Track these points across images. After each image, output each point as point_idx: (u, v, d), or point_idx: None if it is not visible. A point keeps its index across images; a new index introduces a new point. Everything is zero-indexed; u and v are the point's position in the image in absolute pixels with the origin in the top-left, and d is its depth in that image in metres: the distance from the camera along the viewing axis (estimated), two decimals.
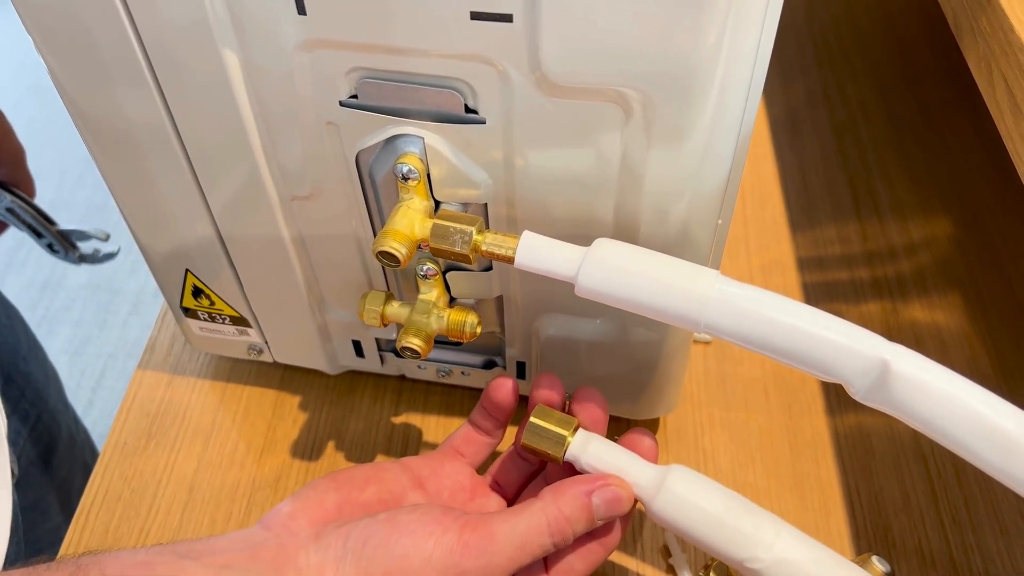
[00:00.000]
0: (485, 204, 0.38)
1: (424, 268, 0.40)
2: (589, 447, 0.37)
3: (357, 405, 0.53)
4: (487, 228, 0.36)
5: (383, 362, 0.51)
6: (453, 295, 0.42)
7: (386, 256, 0.35)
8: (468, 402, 0.53)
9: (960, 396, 0.30)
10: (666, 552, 0.46)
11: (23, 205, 0.61)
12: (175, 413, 0.52)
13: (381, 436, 0.51)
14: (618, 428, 0.51)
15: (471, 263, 0.36)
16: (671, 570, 0.45)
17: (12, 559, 0.51)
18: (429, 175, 0.36)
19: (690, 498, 0.35)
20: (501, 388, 0.41)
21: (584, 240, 0.34)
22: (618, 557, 0.46)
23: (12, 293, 0.75)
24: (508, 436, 0.45)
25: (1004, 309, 0.57)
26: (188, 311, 0.49)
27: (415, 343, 0.39)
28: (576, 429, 0.38)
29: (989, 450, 0.29)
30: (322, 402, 0.52)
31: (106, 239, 0.65)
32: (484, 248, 0.35)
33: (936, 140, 0.68)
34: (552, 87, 0.32)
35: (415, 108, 0.35)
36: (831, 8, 0.81)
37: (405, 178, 0.36)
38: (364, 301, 0.41)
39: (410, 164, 0.36)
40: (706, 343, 0.55)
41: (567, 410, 0.40)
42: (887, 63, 0.76)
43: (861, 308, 0.58)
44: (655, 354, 0.44)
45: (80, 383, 1.46)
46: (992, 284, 0.59)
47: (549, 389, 0.40)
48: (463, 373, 0.50)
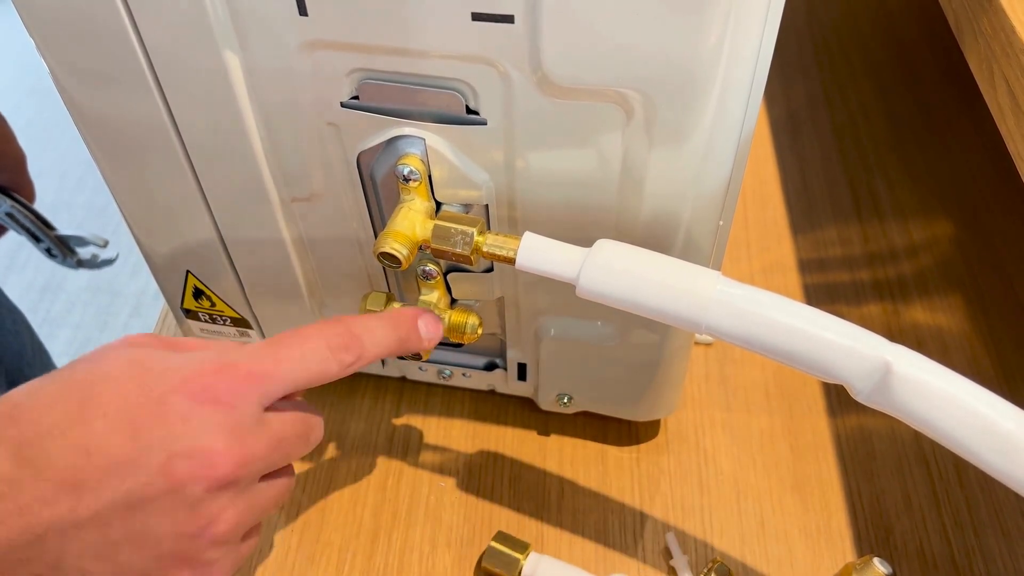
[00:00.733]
0: (486, 205, 0.38)
1: (425, 269, 0.40)
2: (539, 568, 0.44)
3: (358, 406, 0.53)
4: (488, 229, 0.36)
5: (384, 363, 0.51)
6: (454, 296, 0.42)
7: (387, 257, 0.35)
8: (469, 403, 0.53)
9: (962, 397, 0.30)
10: (667, 554, 0.46)
11: (22, 210, 0.61)
12: None
13: (382, 437, 0.51)
14: (619, 429, 0.51)
15: (472, 264, 0.36)
16: (672, 572, 0.45)
17: None
18: (430, 176, 0.36)
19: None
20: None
21: (585, 241, 0.34)
22: (619, 558, 0.46)
23: (13, 296, 0.75)
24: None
25: (1005, 310, 0.57)
26: (189, 313, 0.49)
27: None
28: (528, 552, 0.44)
29: (990, 451, 0.29)
30: (323, 403, 0.52)
31: (104, 245, 0.65)
32: (485, 249, 0.35)
33: (936, 141, 0.69)
34: (553, 88, 0.32)
35: (416, 109, 0.35)
36: (831, 9, 0.82)
37: (406, 179, 0.36)
38: (365, 302, 0.41)
39: (411, 165, 0.36)
40: (707, 345, 0.55)
41: None
42: (887, 64, 0.76)
43: (862, 309, 0.58)
44: (656, 356, 0.44)
45: None
46: (993, 285, 0.59)
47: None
48: (464, 375, 0.50)
